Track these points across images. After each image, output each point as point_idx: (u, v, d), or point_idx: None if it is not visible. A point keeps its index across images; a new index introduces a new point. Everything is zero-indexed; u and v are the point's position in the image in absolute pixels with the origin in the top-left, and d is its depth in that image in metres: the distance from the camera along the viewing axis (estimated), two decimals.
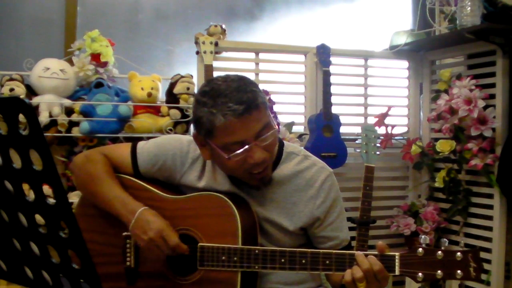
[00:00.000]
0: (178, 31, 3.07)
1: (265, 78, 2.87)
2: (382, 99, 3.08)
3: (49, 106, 2.36)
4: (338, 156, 2.72)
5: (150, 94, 2.49)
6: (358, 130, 2.95)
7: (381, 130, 2.85)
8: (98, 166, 1.47)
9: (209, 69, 2.58)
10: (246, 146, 1.28)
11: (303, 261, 1.29)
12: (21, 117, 0.75)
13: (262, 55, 2.86)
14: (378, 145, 2.75)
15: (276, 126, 1.33)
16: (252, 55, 2.85)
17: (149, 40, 3.02)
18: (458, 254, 1.17)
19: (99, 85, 2.43)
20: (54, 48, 2.78)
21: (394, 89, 3.17)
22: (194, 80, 2.62)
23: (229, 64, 2.83)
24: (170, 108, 2.52)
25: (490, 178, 2.53)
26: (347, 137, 2.91)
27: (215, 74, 2.58)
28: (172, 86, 2.58)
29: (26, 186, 0.82)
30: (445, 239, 1.20)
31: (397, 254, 1.21)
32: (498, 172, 2.48)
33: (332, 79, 2.80)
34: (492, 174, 2.53)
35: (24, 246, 0.89)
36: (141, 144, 1.52)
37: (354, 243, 2.55)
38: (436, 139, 2.86)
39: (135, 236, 1.36)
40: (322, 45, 2.82)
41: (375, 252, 1.24)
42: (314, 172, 1.44)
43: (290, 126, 2.78)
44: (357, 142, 2.93)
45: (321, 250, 1.30)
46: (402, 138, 3.04)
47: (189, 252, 1.35)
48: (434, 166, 2.89)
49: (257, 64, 2.85)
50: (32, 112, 0.74)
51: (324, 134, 2.71)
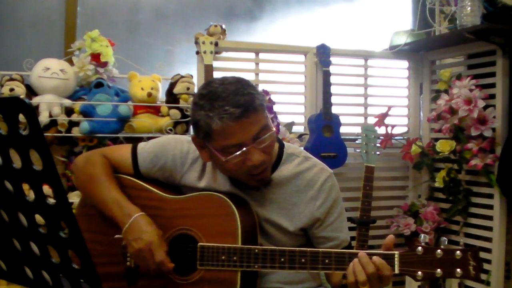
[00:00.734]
0: (178, 31, 3.07)
1: (265, 78, 2.87)
2: (382, 99, 3.08)
3: (49, 106, 2.36)
4: (338, 156, 2.72)
5: (150, 94, 2.49)
6: (358, 130, 2.95)
7: (381, 130, 2.85)
8: (98, 168, 1.47)
9: (209, 69, 2.57)
10: (244, 149, 1.28)
11: (303, 260, 1.30)
12: (21, 117, 0.75)
13: (262, 55, 2.86)
14: (378, 145, 2.75)
15: (274, 128, 1.33)
16: (252, 55, 2.85)
17: (149, 40, 3.02)
18: (458, 252, 1.17)
19: (99, 85, 2.43)
20: (54, 48, 2.78)
21: (394, 89, 3.17)
22: (194, 80, 2.62)
23: (229, 64, 2.83)
24: (170, 108, 2.52)
25: (490, 178, 2.53)
26: (347, 137, 2.91)
27: (215, 74, 2.58)
28: (172, 86, 2.58)
29: (26, 186, 0.82)
30: (444, 238, 1.20)
31: (396, 252, 1.21)
32: (498, 172, 2.48)
33: (332, 79, 2.80)
34: (492, 174, 2.53)
35: (24, 246, 0.89)
36: (141, 144, 1.52)
37: (354, 243, 2.55)
38: (436, 139, 2.86)
39: (126, 241, 1.36)
40: (322, 45, 2.82)
41: (375, 251, 1.24)
42: (314, 173, 1.44)
43: (290, 126, 2.78)
44: (357, 142, 2.93)
45: (320, 249, 1.31)
46: (402, 138, 3.04)
47: (172, 273, 1.35)
48: (434, 166, 2.89)
49: (257, 64, 2.85)
50: (32, 112, 0.74)
51: (324, 134, 2.71)
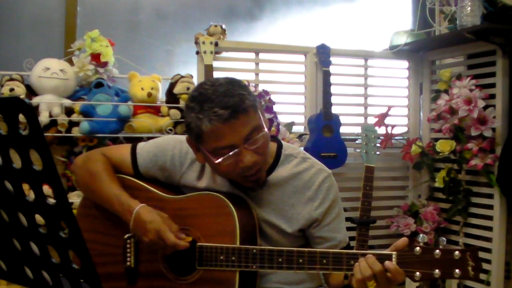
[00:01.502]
0: (178, 31, 3.07)
1: (265, 78, 2.87)
2: (382, 99, 3.08)
3: (49, 106, 2.36)
4: (338, 156, 2.72)
5: (150, 94, 2.49)
6: (358, 130, 2.95)
7: (381, 130, 2.85)
8: (98, 165, 1.47)
9: (209, 69, 2.58)
10: (235, 150, 1.27)
11: (300, 260, 1.30)
12: (21, 117, 0.75)
13: (262, 55, 2.86)
14: (378, 145, 2.75)
15: (266, 129, 1.32)
16: (252, 55, 2.85)
17: (149, 40, 3.02)
18: (456, 253, 1.16)
19: (99, 85, 2.43)
20: (54, 48, 2.78)
21: (394, 89, 3.17)
22: (194, 80, 2.62)
23: (229, 64, 2.83)
24: (170, 108, 2.52)
25: (490, 178, 2.53)
26: (347, 137, 2.91)
27: (215, 74, 2.59)
28: (172, 86, 2.58)
29: (26, 186, 0.82)
30: (443, 238, 1.19)
31: (394, 253, 1.20)
32: (498, 172, 2.48)
33: (332, 79, 2.80)
34: (492, 174, 2.53)
35: (24, 246, 0.89)
36: (141, 144, 1.52)
37: (354, 243, 2.55)
38: (436, 139, 2.86)
39: (138, 236, 1.38)
40: (322, 45, 2.82)
41: (372, 251, 1.23)
42: (312, 173, 1.43)
43: (290, 126, 2.78)
44: (357, 142, 2.93)
45: (318, 250, 1.31)
46: (402, 138, 3.04)
47: (189, 246, 1.35)
48: (434, 166, 2.89)
49: (257, 64, 2.85)
50: (32, 112, 0.74)
51: (324, 134, 2.71)
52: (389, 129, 2.89)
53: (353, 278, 1.24)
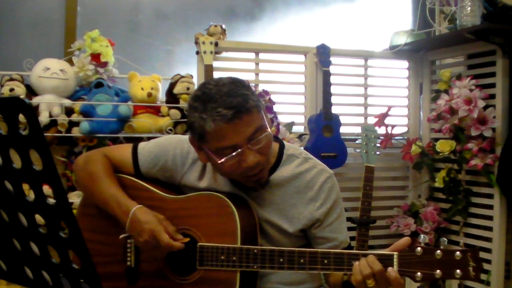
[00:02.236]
0: (178, 31, 3.07)
1: (265, 78, 2.87)
2: (382, 99, 3.08)
3: (49, 106, 2.36)
4: (338, 156, 2.72)
5: (150, 94, 2.49)
6: (358, 130, 2.95)
7: (381, 130, 2.85)
8: (98, 166, 1.47)
9: (209, 69, 2.57)
10: (238, 150, 1.27)
11: (302, 260, 1.29)
12: (21, 117, 0.75)
13: (262, 55, 2.86)
14: (378, 145, 2.75)
15: (269, 129, 1.32)
16: (252, 55, 2.85)
17: (149, 40, 3.02)
18: (457, 253, 1.16)
19: (99, 85, 2.43)
20: (54, 48, 2.78)
21: (394, 89, 3.17)
22: (194, 80, 2.62)
23: (229, 64, 2.83)
24: (170, 108, 2.52)
25: (490, 178, 2.53)
26: (347, 137, 2.90)
27: (215, 74, 2.59)
28: (172, 86, 2.58)
29: (26, 186, 0.82)
30: (444, 239, 1.19)
31: (395, 253, 1.20)
32: (498, 172, 2.48)
33: (332, 79, 2.80)
34: (492, 174, 2.53)
35: (24, 246, 0.89)
36: (142, 144, 1.52)
37: (354, 243, 2.55)
38: (436, 139, 2.86)
39: (133, 237, 1.38)
40: (322, 45, 2.82)
41: (373, 251, 1.23)
42: (314, 174, 1.44)
43: (290, 126, 2.78)
44: (357, 142, 2.93)
45: (319, 250, 1.30)
46: (402, 138, 3.04)
47: (184, 247, 1.35)
48: (434, 166, 2.89)
49: (257, 64, 2.85)
50: (32, 112, 0.74)
51: (324, 134, 2.71)
52: (389, 129, 2.89)
53: (352, 276, 1.24)
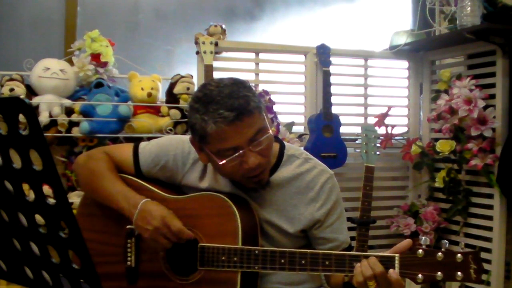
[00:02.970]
0: (178, 31, 3.07)
1: (265, 78, 2.87)
2: (382, 99, 3.08)
3: (49, 106, 2.36)
4: (338, 156, 2.72)
5: (150, 94, 2.49)
6: (358, 130, 2.95)
7: (381, 130, 2.85)
8: (100, 163, 1.47)
9: (209, 69, 2.57)
10: (239, 152, 1.27)
11: (303, 261, 1.29)
12: (21, 117, 0.75)
13: (262, 55, 2.85)
14: (378, 145, 2.75)
15: (271, 131, 1.32)
16: (252, 55, 2.85)
17: (149, 40, 3.02)
18: (459, 255, 1.16)
19: (99, 85, 2.43)
20: (54, 48, 2.78)
21: (394, 89, 3.17)
22: (194, 80, 2.62)
23: (229, 64, 2.82)
24: (170, 108, 2.52)
25: (490, 178, 2.53)
26: (347, 137, 2.90)
27: (215, 74, 2.58)
28: (172, 86, 2.58)
29: (26, 186, 0.82)
30: (445, 241, 1.19)
31: (397, 255, 1.20)
32: (498, 172, 2.48)
33: (332, 79, 2.80)
34: (492, 174, 2.53)
35: (24, 246, 0.89)
36: (143, 144, 1.52)
37: (354, 243, 2.55)
38: (436, 139, 2.86)
39: (139, 228, 1.36)
40: (322, 45, 2.82)
41: (375, 253, 1.23)
42: (315, 174, 1.44)
43: (290, 126, 2.78)
44: (357, 142, 2.93)
45: (320, 251, 1.30)
46: (402, 138, 3.04)
47: (194, 236, 1.35)
48: (434, 166, 2.89)
49: (257, 64, 2.85)
50: (32, 112, 0.74)
51: (324, 134, 2.71)
52: (389, 129, 2.89)
53: (354, 278, 1.24)
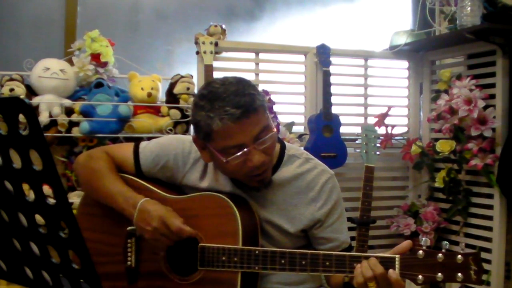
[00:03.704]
0: (178, 31, 3.07)
1: (265, 78, 2.87)
2: (382, 99, 3.08)
3: (49, 106, 2.36)
4: (338, 156, 2.72)
5: (150, 94, 2.49)
6: (358, 130, 2.95)
7: (381, 130, 2.85)
8: (101, 163, 1.47)
9: (209, 69, 2.57)
10: (244, 150, 1.27)
11: (303, 262, 1.29)
12: (21, 117, 0.75)
13: (262, 55, 2.85)
14: (378, 145, 2.75)
15: (274, 129, 1.33)
16: (252, 55, 2.85)
17: (149, 40, 3.02)
18: (459, 256, 1.15)
19: (99, 85, 2.43)
20: (54, 48, 2.78)
21: (394, 89, 3.17)
22: (194, 80, 2.62)
23: (229, 64, 2.82)
24: (170, 108, 2.52)
25: (490, 178, 2.53)
26: (347, 137, 2.90)
27: (215, 74, 2.58)
28: (172, 86, 2.58)
29: (26, 186, 0.82)
30: (446, 242, 1.19)
31: (397, 256, 1.20)
32: (498, 172, 2.48)
33: (332, 79, 2.80)
34: (492, 174, 2.53)
35: (24, 246, 0.89)
36: (143, 144, 1.52)
37: (354, 243, 2.55)
38: (436, 139, 2.86)
39: (140, 229, 1.36)
40: (322, 45, 2.82)
41: (375, 254, 1.23)
42: (315, 174, 1.44)
43: (290, 126, 2.78)
44: (357, 142, 2.93)
45: (321, 252, 1.30)
46: (402, 138, 3.04)
47: (195, 233, 1.35)
48: (434, 166, 2.89)
49: (257, 64, 2.85)
50: (32, 112, 0.74)
51: (324, 134, 2.71)
52: (389, 129, 2.89)
53: (354, 279, 1.24)
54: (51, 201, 0.79)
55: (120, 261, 1.44)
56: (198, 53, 2.64)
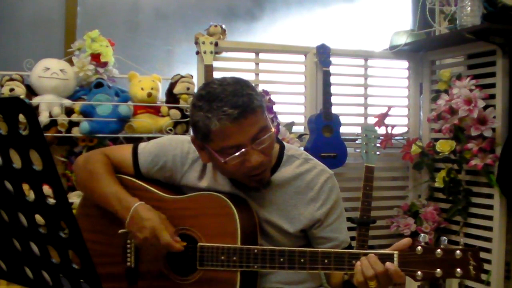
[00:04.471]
0: (178, 31, 3.07)
1: (265, 78, 2.87)
2: (382, 99, 3.08)
3: (49, 106, 2.36)
4: (338, 156, 2.72)
5: (150, 94, 2.49)
6: (358, 130, 2.95)
7: (381, 130, 2.85)
8: (98, 165, 1.47)
9: (209, 69, 2.57)
10: (242, 150, 1.27)
11: (302, 260, 1.29)
12: (21, 117, 0.75)
13: (262, 55, 2.85)
14: (378, 145, 2.75)
15: (273, 129, 1.33)
16: (252, 55, 2.85)
17: (149, 40, 3.02)
18: (458, 252, 1.16)
19: (99, 85, 2.44)
20: (54, 48, 2.78)
21: (394, 89, 3.17)
22: (194, 80, 2.62)
23: (229, 64, 2.82)
24: (170, 108, 2.52)
25: (490, 178, 2.53)
26: (347, 137, 2.90)
27: (215, 74, 2.58)
28: (172, 86, 2.58)
29: (26, 186, 0.82)
30: (444, 238, 1.19)
31: (395, 252, 1.20)
32: (498, 172, 2.48)
33: (332, 79, 2.80)
34: (492, 174, 2.53)
35: (24, 246, 0.89)
36: (142, 144, 1.52)
37: (354, 243, 2.55)
38: (436, 139, 2.86)
39: (131, 233, 1.37)
40: (322, 45, 2.82)
41: (374, 251, 1.23)
42: (314, 174, 1.44)
43: (290, 126, 2.78)
44: (357, 142, 2.93)
45: (319, 250, 1.30)
46: (402, 138, 3.04)
47: (183, 250, 1.35)
48: (434, 166, 2.89)
49: (257, 64, 2.85)
50: (32, 112, 0.74)
51: (324, 134, 2.71)
52: (389, 129, 2.89)
53: (354, 277, 1.24)
54: (51, 201, 0.79)
55: (119, 261, 1.44)
56: (198, 53, 2.64)
